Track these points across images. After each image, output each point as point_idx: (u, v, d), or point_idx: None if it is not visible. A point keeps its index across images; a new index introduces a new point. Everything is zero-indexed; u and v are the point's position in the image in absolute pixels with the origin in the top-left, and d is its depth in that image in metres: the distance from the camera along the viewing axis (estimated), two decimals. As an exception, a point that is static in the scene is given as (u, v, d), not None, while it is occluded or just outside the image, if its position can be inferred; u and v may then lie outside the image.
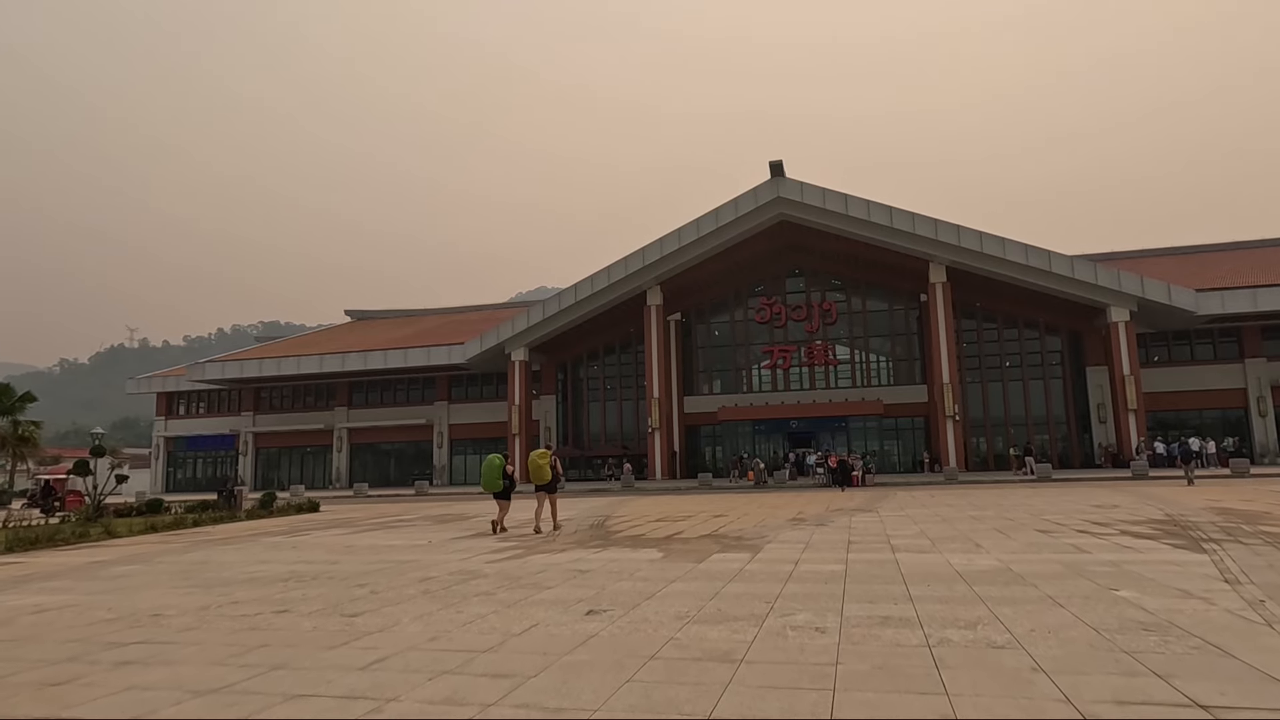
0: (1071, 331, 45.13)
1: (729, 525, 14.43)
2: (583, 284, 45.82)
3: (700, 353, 50.08)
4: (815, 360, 47.54)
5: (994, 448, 45.18)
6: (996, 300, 45.03)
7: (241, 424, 59.01)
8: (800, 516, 16.06)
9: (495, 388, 52.63)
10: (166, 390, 61.81)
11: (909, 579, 7.56)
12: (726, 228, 42.80)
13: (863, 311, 47.87)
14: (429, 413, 54.72)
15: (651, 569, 8.71)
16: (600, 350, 51.78)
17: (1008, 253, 40.02)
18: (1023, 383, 45.33)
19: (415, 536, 14.44)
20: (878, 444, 46.17)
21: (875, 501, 20.24)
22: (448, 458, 54.19)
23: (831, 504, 19.99)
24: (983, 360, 46.01)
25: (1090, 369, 44.06)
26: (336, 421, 56.53)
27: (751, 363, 48.88)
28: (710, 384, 49.79)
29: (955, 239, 40.46)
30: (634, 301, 46.77)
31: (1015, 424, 44.94)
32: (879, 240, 41.75)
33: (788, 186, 41.65)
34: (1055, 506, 16.30)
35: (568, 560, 9.78)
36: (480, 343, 48.18)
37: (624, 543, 11.94)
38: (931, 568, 8.26)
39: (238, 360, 56.79)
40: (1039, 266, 39.78)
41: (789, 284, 48.96)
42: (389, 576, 9.01)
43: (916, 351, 47.03)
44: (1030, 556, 8.89)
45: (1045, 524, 12.67)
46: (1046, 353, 45.68)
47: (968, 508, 16.88)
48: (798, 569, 8.43)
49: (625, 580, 7.93)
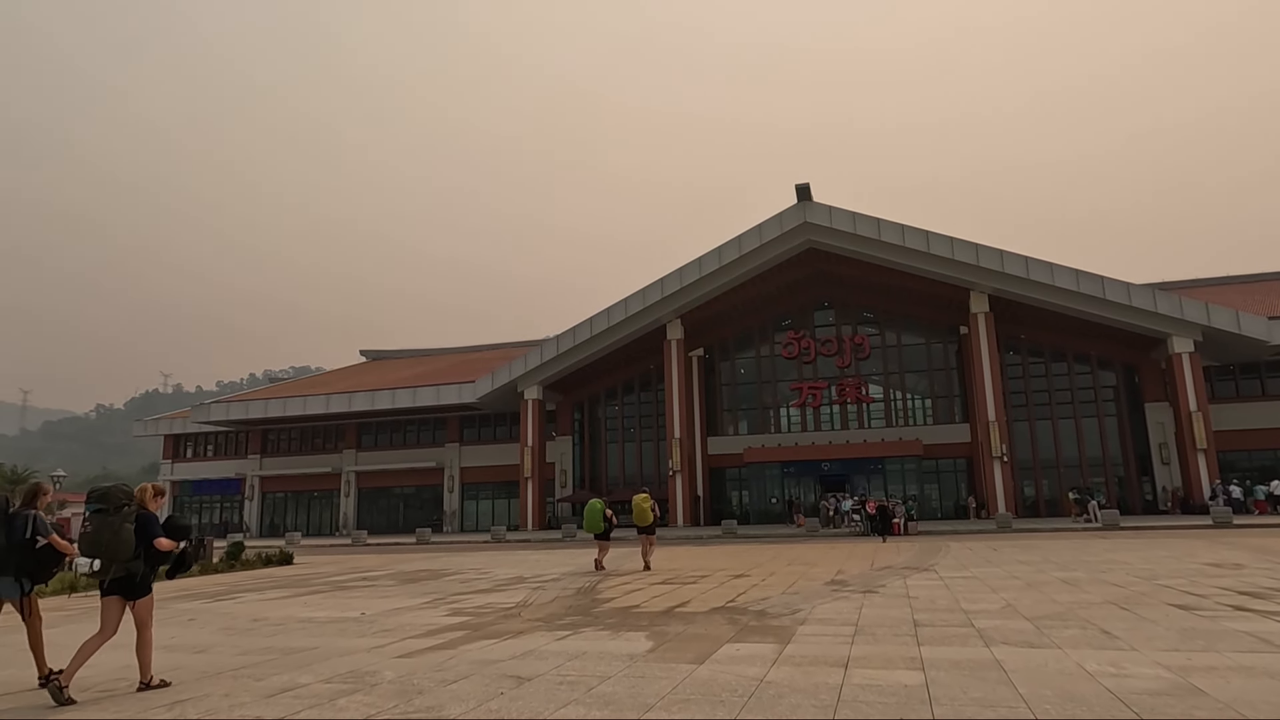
0: (1126, 365, 41.60)
1: (750, 591, 11.41)
2: (598, 317, 43.23)
3: (724, 390, 47.07)
4: (847, 398, 44.34)
5: (1043, 492, 41.50)
6: (1043, 332, 41.73)
7: (248, 467, 56.73)
8: (840, 578, 12.98)
9: (509, 428, 49.91)
10: (174, 432, 59.81)
11: (1037, 707, 4.58)
12: (750, 255, 40.12)
13: (897, 345, 44.72)
14: (439, 455, 52.08)
15: (625, 677, 5.77)
16: (619, 388, 48.97)
17: (1056, 279, 36.85)
18: (1074, 421, 41.73)
19: (358, 604, 11.60)
20: (916, 487, 42.56)
21: (927, 556, 17.05)
22: (459, 502, 51.36)
23: (876, 559, 16.83)
24: (1029, 397, 42.53)
25: (1149, 405, 40.40)
26: (344, 464, 54.06)
27: (779, 401, 45.75)
28: (735, 423, 46.68)
29: (998, 264, 37.40)
30: (653, 336, 44.06)
31: (1067, 465, 41.25)
32: (914, 268, 38.80)
33: (815, 211, 38.97)
34: (1159, 566, 13.07)
35: (512, 655, 6.87)
36: (491, 380, 45.65)
37: (607, 619, 9.00)
38: (1062, 682, 5.25)
39: (243, 401, 54.77)
40: (1091, 294, 36.53)
41: (818, 316, 46.01)
42: (248, 680, 6.18)
43: (956, 388, 43.70)
44: (1206, 659, 5.83)
45: (1173, 594, 9.54)
46: (1100, 388, 42.11)
47: (1048, 566, 13.69)
48: (848, 681, 5.45)
49: (575, 705, 5.00)
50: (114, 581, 6.06)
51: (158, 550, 6.12)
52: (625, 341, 43.86)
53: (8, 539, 6.16)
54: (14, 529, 6.21)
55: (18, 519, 6.25)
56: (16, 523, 6.23)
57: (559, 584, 13.55)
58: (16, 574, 6.23)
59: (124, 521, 5.97)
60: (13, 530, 6.20)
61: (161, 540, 6.13)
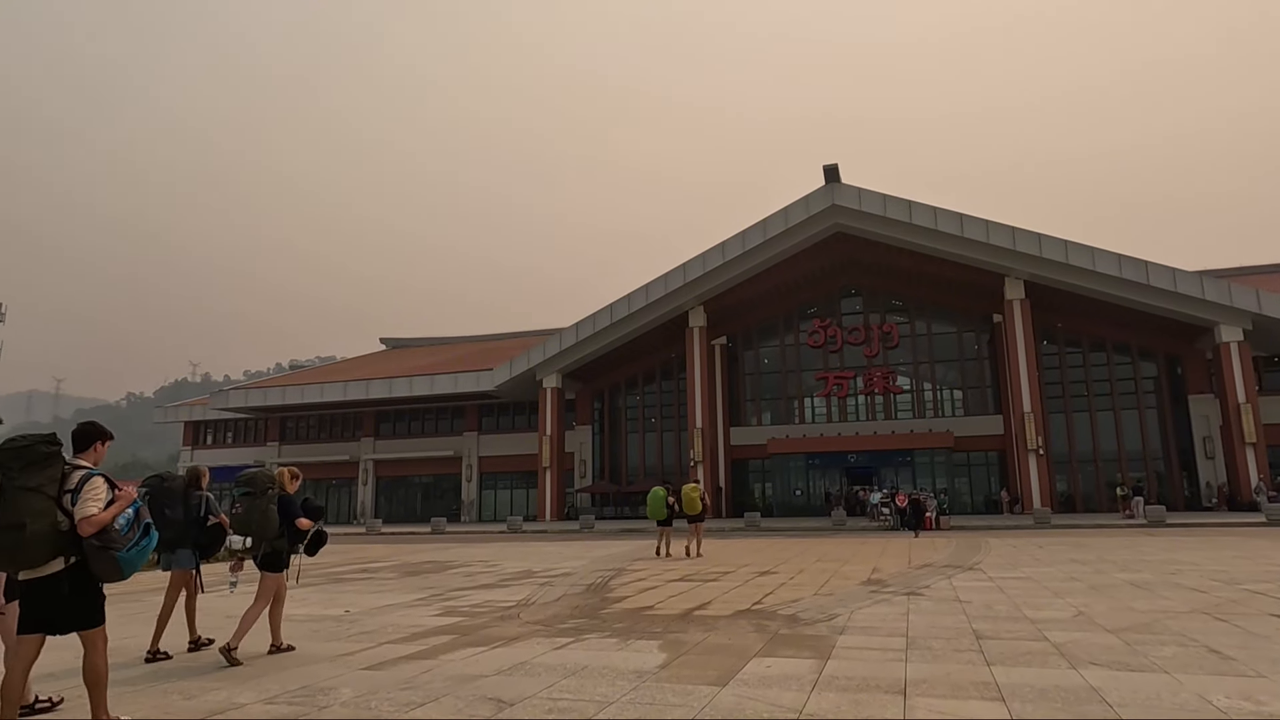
0: (1169, 355, 39.82)
1: (779, 592, 10.27)
2: (618, 304, 42.06)
3: (748, 380, 45.77)
4: (875, 388, 42.91)
5: (1080, 486, 39.88)
6: (1080, 320, 40.03)
7: (266, 455, 56.15)
8: (877, 577, 11.78)
9: (527, 417, 48.92)
10: (193, 419, 59.53)
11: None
12: (776, 240, 38.75)
13: (927, 334, 43.19)
14: (457, 444, 51.24)
15: (629, 702, 4.68)
16: (639, 377, 47.83)
17: (1097, 264, 35.16)
18: (1113, 413, 40.01)
19: (347, 599, 10.62)
20: (946, 481, 40.97)
21: (968, 553, 15.78)
22: (477, 492, 50.53)
23: (912, 555, 15.60)
24: (1066, 388, 40.85)
25: (1193, 397, 38.62)
26: (362, 453, 53.39)
27: (804, 391, 44.40)
28: (759, 414, 45.39)
29: (1036, 248, 35.77)
30: (675, 324, 42.86)
31: (1105, 459, 39.59)
32: (946, 253, 37.28)
33: (843, 193, 37.51)
34: (1233, 568, 11.76)
35: (498, 669, 5.79)
36: (510, 368, 44.66)
37: (615, 623, 7.91)
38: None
39: (261, 388, 54.32)
40: (1134, 279, 34.81)
41: (845, 304, 44.56)
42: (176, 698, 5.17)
43: (989, 378, 42.13)
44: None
45: (1269, 602, 8.28)
46: (1140, 379, 40.36)
47: (1107, 566, 12.41)
48: (912, 716, 4.31)
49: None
50: (264, 557, 6.71)
51: (298, 529, 6.79)
52: (646, 329, 42.68)
53: (185, 516, 6.85)
54: (190, 508, 6.93)
55: (193, 498, 6.99)
56: (192, 502, 6.96)
57: (568, 580, 12.48)
58: (192, 548, 6.97)
59: (269, 504, 6.63)
60: (189, 509, 6.92)
61: (302, 520, 6.83)
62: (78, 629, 4.19)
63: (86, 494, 4.13)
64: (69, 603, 4.10)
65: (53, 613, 4.10)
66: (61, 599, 4.08)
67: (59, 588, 4.08)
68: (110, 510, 4.15)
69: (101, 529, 4.07)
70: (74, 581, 4.11)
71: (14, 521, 3.93)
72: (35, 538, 3.96)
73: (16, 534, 3.92)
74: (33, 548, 3.97)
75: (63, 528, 4.06)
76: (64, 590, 4.08)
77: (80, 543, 4.08)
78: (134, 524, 4.24)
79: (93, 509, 4.09)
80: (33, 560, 4.02)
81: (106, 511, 4.13)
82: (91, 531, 4.05)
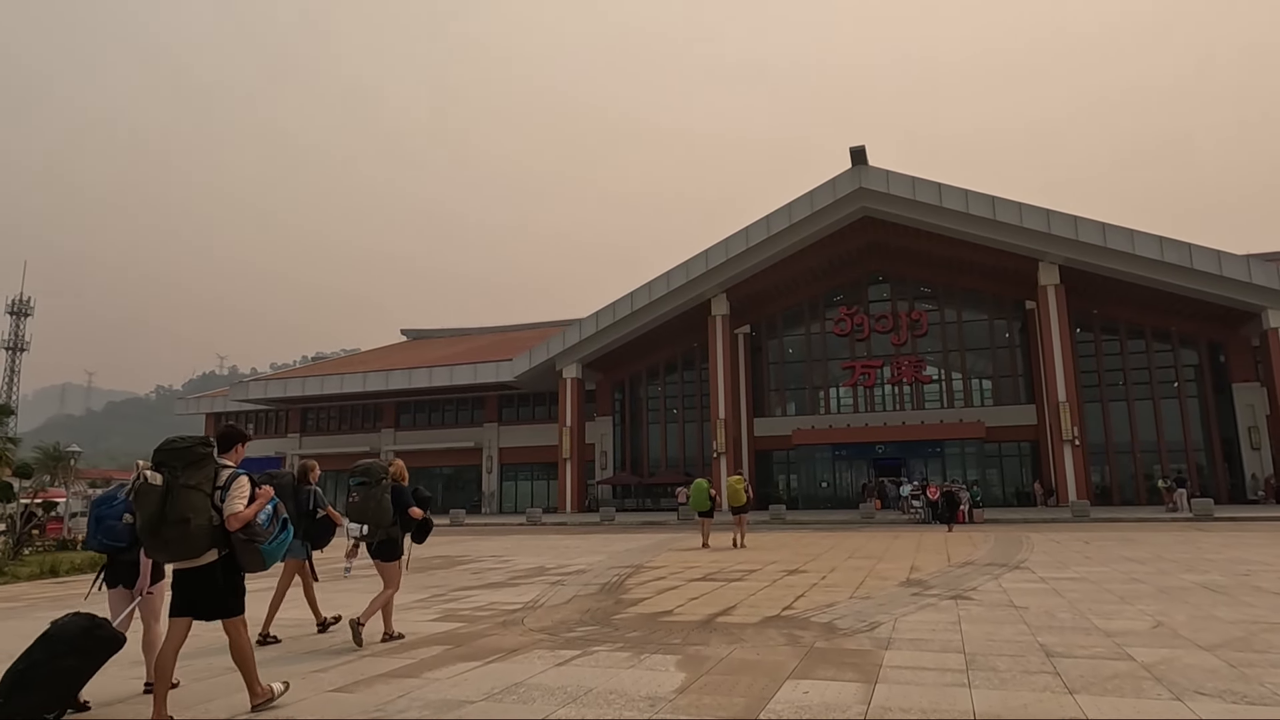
0: (1211, 342, 38.30)
1: (810, 594, 9.38)
2: (639, 292, 41.19)
3: (772, 369, 44.73)
4: (903, 377, 41.73)
5: (1117, 478, 38.52)
6: (1117, 306, 38.60)
7: (288, 446, 56.00)
8: (917, 577, 10.85)
9: (547, 408, 48.24)
10: (215, 411, 59.35)
11: None
12: (801, 225, 37.67)
13: (957, 321, 41.91)
14: (478, 435, 50.73)
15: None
16: (661, 367, 46.96)
17: (1137, 247, 33.75)
18: (1152, 402, 38.59)
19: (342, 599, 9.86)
20: (977, 472, 39.78)
21: (1010, 550, 14.78)
22: (497, 483, 50.03)
23: (950, 552, 14.63)
24: (1102, 377, 39.47)
25: (1237, 386, 37.13)
26: (383, 444, 52.97)
27: (830, 381, 43.31)
28: (783, 404, 44.38)
29: (1072, 232, 34.42)
30: (698, 312, 41.92)
31: (1144, 450, 38.20)
32: (978, 237, 36.02)
33: (871, 176, 36.34)
34: (1310, 567, 10.70)
35: (488, 693, 4.98)
36: (529, 358, 44.00)
37: (629, 631, 7.07)
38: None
39: (281, 379, 54.10)
40: (1177, 263, 33.38)
41: (872, 291, 43.38)
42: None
43: (1021, 367, 40.82)
44: None
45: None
46: (1181, 367, 38.88)
47: (1169, 566, 11.39)
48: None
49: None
50: (379, 545, 6.87)
51: (409, 517, 6.99)
52: (667, 318, 41.78)
53: (295, 510, 6.87)
54: (300, 501, 7.14)
55: (303, 493, 7.23)
56: (302, 496, 7.21)
57: (581, 578, 11.66)
58: (303, 539, 7.19)
59: (383, 493, 6.76)
60: (300, 502, 7.13)
61: (414, 509, 7.02)
62: (222, 617, 4.52)
63: (233, 492, 4.45)
64: (221, 591, 4.44)
65: (204, 599, 4.46)
66: (216, 588, 4.43)
67: (214, 577, 4.43)
68: (253, 507, 4.46)
69: (246, 524, 4.39)
70: (225, 572, 4.46)
71: (181, 516, 4.26)
72: (198, 531, 4.30)
73: (183, 528, 4.26)
74: (195, 540, 4.32)
75: (215, 522, 4.39)
76: (218, 580, 4.43)
77: (229, 536, 4.41)
78: (273, 519, 4.56)
79: (239, 505, 4.42)
80: (194, 551, 4.36)
81: (250, 508, 4.44)
82: (238, 526, 4.37)
